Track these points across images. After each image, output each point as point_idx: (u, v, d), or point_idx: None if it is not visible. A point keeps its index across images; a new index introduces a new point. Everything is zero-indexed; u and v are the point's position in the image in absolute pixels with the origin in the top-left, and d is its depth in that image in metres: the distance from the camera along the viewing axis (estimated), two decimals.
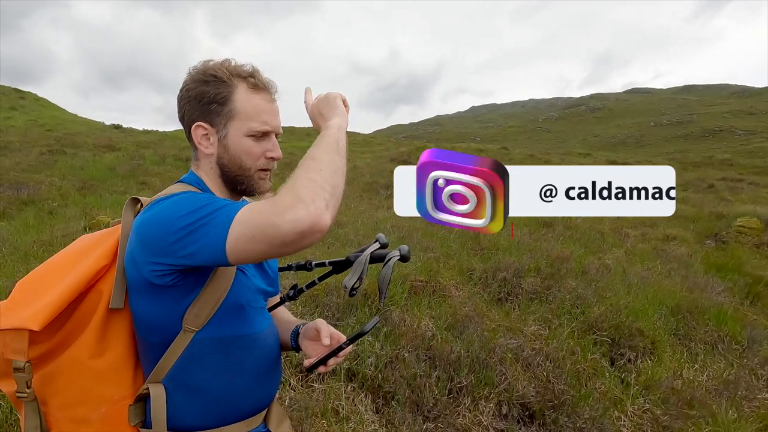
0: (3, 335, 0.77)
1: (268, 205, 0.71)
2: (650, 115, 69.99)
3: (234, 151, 0.90)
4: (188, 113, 0.91)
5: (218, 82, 0.88)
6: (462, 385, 2.65)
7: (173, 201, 0.79)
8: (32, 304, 0.77)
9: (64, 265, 0.84)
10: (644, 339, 3.32)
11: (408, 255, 0.99)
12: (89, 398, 0.81)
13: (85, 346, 0.81)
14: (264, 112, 0.90)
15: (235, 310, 0.87)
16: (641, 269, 4.83)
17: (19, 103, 28.09)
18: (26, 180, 8.03)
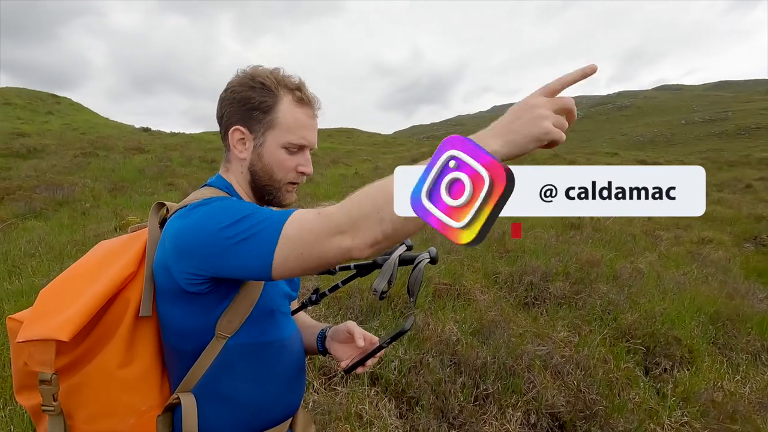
0: (28, 347, 0.75)
1: (319, 222, 0.67)
2: (681, 112, 67.55)
3: (267, 160, 0.89)
4: (228, 114, 0.90)
5: (265, 90, 0.87)
6: (488, 392, 2.57)
7: (212, 209, 0.77)
8: (59, 314, 0.75)
9: (88, 273, 0.83)
10: (681, 348, 3.16)
11: (437, 257, 0.98)
12: (117, 409, 0.80)
13: (113, 356, 0.79)
14: (304, 127, 0.89)
15: (266, 316, 0.87)
16: (676, 274, 4.62)
17: (55, 107, 29.36)
18: (61, 182, 8.35)
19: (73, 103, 33.13)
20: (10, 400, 2.22)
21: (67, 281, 0.82)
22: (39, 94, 31.52)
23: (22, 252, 4.52)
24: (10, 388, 2.29)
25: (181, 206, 0.83)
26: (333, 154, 15.64)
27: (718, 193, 12.31)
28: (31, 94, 30.99)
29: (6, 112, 25.05)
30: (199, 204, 0.80)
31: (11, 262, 4.23)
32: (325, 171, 11.77)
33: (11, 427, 2.05)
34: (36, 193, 7.41)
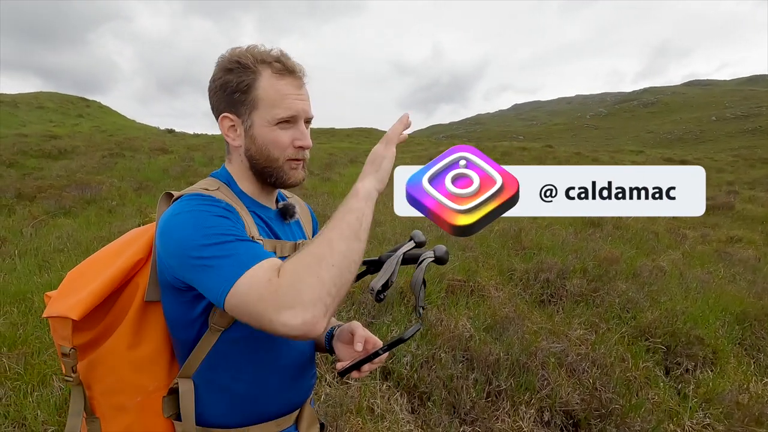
0: (53, 322, 0.82)
1: (269, 294, 0.66)
2: (711, 108, 65.07)
3: (260, 141, 0.86)
4: (215, 104, 0.88)
5: (242, 69, 0.84)
6: (501, 388, 2.55)
7: (185, 221, 0.76)
8: (76, 294, 0.80)
9: (107, 257, 0.87)
10: (704, 348, 3.06)
11: (445, 257, 0.89)
12: (126, 387, 0.83)
13: (122, 337, 0.83)
14: (288, 97, 0.85)
15: None
16: (701, 273, 4.46)
17: (85, 110, 30.46)
18: (90, 181, 8.66)
19: (102, 106, 34.31)
20: (38, 386, 2.33)
21: (90, 264, 0.87)
22: (70, 98, 32.75)
23: (52, 247, 4.71)
24: (38, 374, 2.40)
25: (179, 196, 0.83)
26: (351, 154, 15.71)
27: (749, 191, 11.81)
28: (62, 97, 32.25)
29: (39, 115, 26.13)
30: (185, 199, 0.80)
31: (41, 257, 4.42)
32: (344, 170, 11.83)
33: (38, 411, 2.15)
34: (66, 191, 7.70)
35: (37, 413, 2.13)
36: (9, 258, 4.37)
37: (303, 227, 1.03)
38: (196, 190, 0.83)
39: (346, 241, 0.70)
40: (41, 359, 2.53)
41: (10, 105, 26.12)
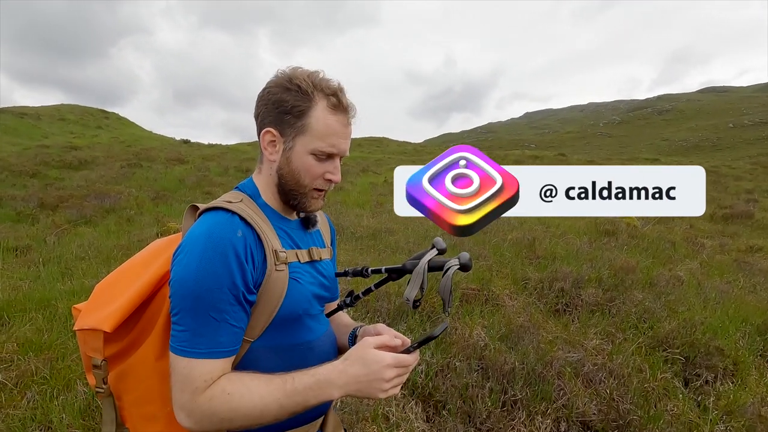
0: (83, 334, 0.85)
1: (186, 396, 0.76)
2: (728, 115, 63.92)
3: (295, 165, 0.88)
4: (263, 115, 0.89)
5: (299, 94, 0.85)
6: (516, 398, 2.54)
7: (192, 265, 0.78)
8: (107, 306, 0.83)
9: (134, 269, 0.89)
10: (724, 359, 3.00)
11: (469, 264, 0.91)
12: (156, 397, 0.84)
13: (151, 348, 0.84)
14: (335, 135, 0.87)
15: (291, 320, 0.87)
16: (720, 283, 4.38)
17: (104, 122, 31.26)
18: (109, 191, 8.88)
19: (120, 117, 35.18)
20: (63, 390, 2.40)
21: (118, 276, 0.90)
22: (90, 110, 33.66)
23: (74, 255, 4.84)
24: (63, 378, 2.47)
25: (204, 210, 0.85)
26: (363, 163, 15.82)
27: None
28: (82, 110, 33.17)
29: (61, 127, 26.90)
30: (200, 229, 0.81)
31: (64, 265, 4.54)
32: (355, 179, 11.92)
33: (63, 414, 2.21)
34: (86, 201, 7.90)
35: (63, 416, 2.19)
36: (33, 266, 4.50)
37: (322, 235, 1.06)
38: (220, 204, 0.84)
39: (270, 416, 0.77)
40: (65, 364, 2.60)
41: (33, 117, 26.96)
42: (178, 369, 0.76)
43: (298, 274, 0.88)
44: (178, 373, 0.76)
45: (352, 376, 0.78)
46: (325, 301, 1.01)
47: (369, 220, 6.34)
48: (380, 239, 5.30)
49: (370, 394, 0.78)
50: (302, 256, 0.91)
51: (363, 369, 0.77)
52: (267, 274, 0.82)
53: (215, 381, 0.76)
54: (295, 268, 0.88)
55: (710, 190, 13.21)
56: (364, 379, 0.77)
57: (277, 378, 0.78)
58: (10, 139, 20.30)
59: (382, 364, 0.77)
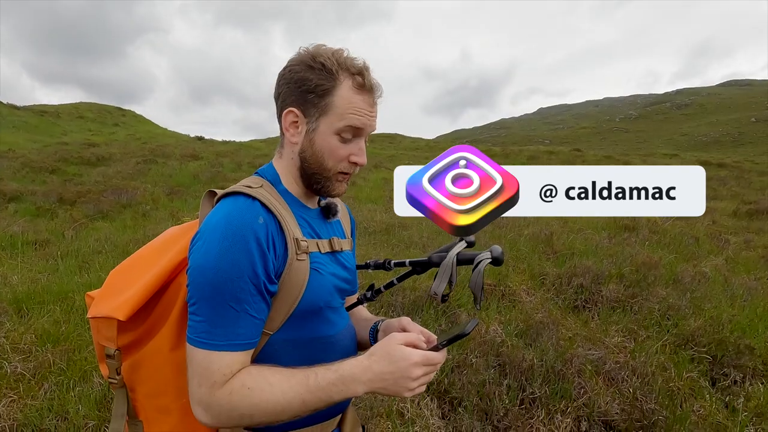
0: (97, 323, 0.82)
1: (203, 390, 0.72)
2: (750, 109, 62.09)
3: (318, 147, 0.83)
4: (284, 95, 0.85)
5: (324, 72, 0.81)
6: (535, 396, 2.47)
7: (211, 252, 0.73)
8: (121, 294, 0.80)
9: (150, 256, 0.86)
10: (754, 358, 2.88)
11: (501, 257, 0.87)
12: (170, 389, 0.82)
13: (166, 338, 0.81)
14: (360, 113, 0.83)
15: (311, 312, 0.84)
16: (747, 279, 4.22)
17: (121, 120, 31.82)
18: (125, 186, 9.00)
19: (137, 115, 35.76)
20: (79, 381, 2.41)
21: (133, 263, 0.86)
22: (107, 108, 34.30)
23: (91, 249, 4.91)
24: (79, 370, 2.49)
25: (223, 195, 0.82)
26: (375, 159, 15.77)
27: None
28: (100, 107, 33.82)
29: (79, 124, 27.46)
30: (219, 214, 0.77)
31: (81, 258, 4.60)
32: (368, 175, 11.89)
33: (79, 406, 2.22)
34: (103, 196, 8.02)
35: (79, 407, 2.20)
36: (52, 259, 4.57)
37: (343, 226, 1.02)
38: (239, 188, 0.80)
39: (292, 412, 0.74)
40: (82, 356, 2.62)
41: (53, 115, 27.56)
42: (196, 361, 0.72)
43: (319, 265, 0.84)
44: (196, 365, 0.72)
45: (377, 373, 0.74)
46: (345, 294, 0.97)
47: (382, 215, 6.30)
48: (393, 234, 5.25)
49: (396, 392, 0.74)
50: (323, 246, 0.87)
51: (389, 366, 0.74)
52: (288, 263, 0.78)
53: (234, 375, 0.73)
54: (315, 258, 0.84)
55: (733, 185, 12.83)
56: (389, 377, 0.74)
57: (300, 373, 0.75)
58: (30, 137, 20.78)
59: (409, 362, 0.74)
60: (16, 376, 2.41)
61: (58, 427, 2.13)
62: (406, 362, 0.73)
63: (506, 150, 19.92)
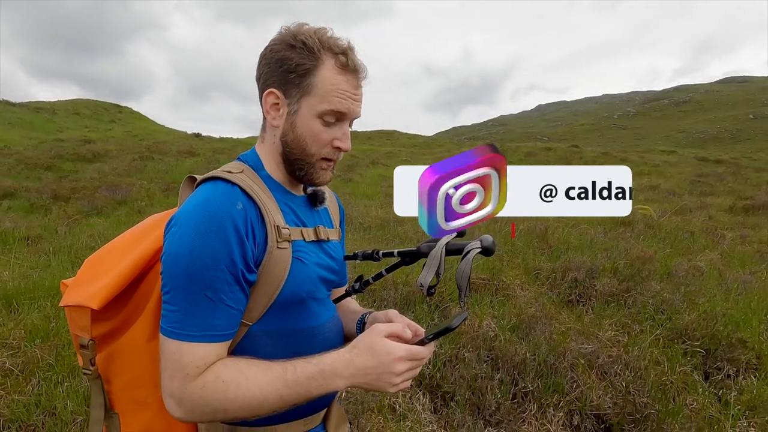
0: (70, 311, 0.78)
1: (176, 383, 0.70)
2: (749, 106, 62.15)
3: (300, 130, 0.80)
4: (265, 76, 0.82)
5: (306, 51, 0.78)
6: (528, 390, 2.46)
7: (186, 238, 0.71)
8: (95, 282, 0.77)
9: (127, 244, 0.82)
10: (747, 352, 2.87)
11: (492, 247, 0.85)
12: (147, 381, 0.79)
13: (143, 328, 0.78)
14: (344, 96, 0.79)
15: (293, 303, 0.81)
16: (742, 274, 4.22)
17: (117, 116, 31.70)
18: (121, 183, 8.96)
19: (134, 111, 35.62)
20: (68, 377, 2.39)
21: (109, 251, 0.83)
22: (104, 105, 34.15)
23: (84, 245, 4.87)
24: (68, 365, 2.46)
25: (202, 180, 0.79)
26: (373, 156, 15.75)
27: None
28: (96, 104, 33.67)
29: (75, 121, 27.34)
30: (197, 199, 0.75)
31: (74, 254, 4.57)
32: (365, 171, 11.86)
33: (67, 401, 2.20)
34: (98, 193, 7.99)
35: (67, 403, 2.18)
36: (44, 255, 4.54)
37: (330, 215, 0.99)
38: (219, 173, 0.78)
39: (269, 408, 0.71)
40: (71, 351, 2.59)
41: (49, 112, 27.41)
42: (168, 353, 0.70)
43: (302, 254, 0.81)
44: (168, 357, 0.70)
45: (359, 368, 0.71)
46: (332, 286, 0.94)
47: (377, 211, 6.28)
48: (388, 229, 5.23)
49: (379, 387, 0.72)
50: (308, 234, 0.84)
51: (372, 361, 0.71)
52: (268, 251, 0.75)
53: (209, 367, 0.70)
54: (299, 246, 0.81)
55: (730, 181, 12.85)
56: (372, 372, 0.71)
57: (277, 366, 0.72)
58: (26, 133, 20.68)
59: (393, 357, 0.70)
60: (4, 372, 2.38)
61: (46, 422, 2.11)
62: (390, 357, 0.70)
63: (504, 146, 19.90)
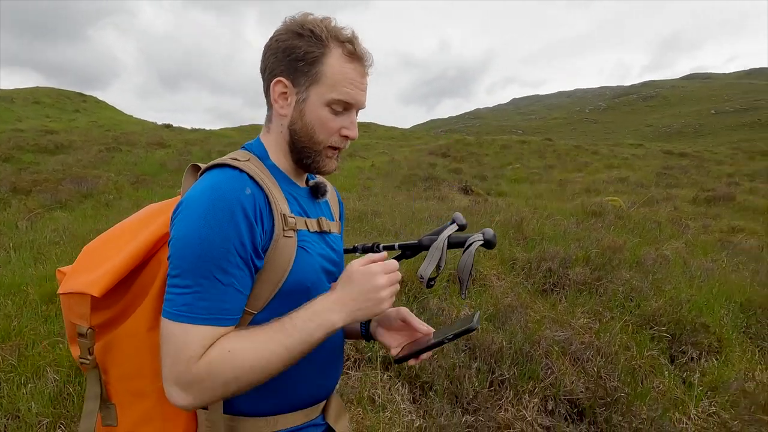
0: (68, 299, 0.76)
1: (180, 367, 0.68)
2: (711, 102, 64.90)
3: (309, 118, 0.81)
4: (272, 66, 0.82)
5: (313, 40, 0.79)
6: (504, 377, 2.51)
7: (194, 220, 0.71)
8: (96, 269, 0.75)
9: (129, 232, 0.81)
10: (709, 336, 3.02)
11: (493, 239, 0.87)
12: (146, 371, 0.78)
13: (143, 317, 0.77)
14: (352, 84, 0.81)
15: (298, 293, 0.80)
16: (705, 261, 4.43)
17: (81, 105, 30.29)
18: (86, 175, 8.60)
19: (99, 101, 34.10)
20: (32, 377, 2.28)
21: (109, 239, 0.82)
22: (67, 93, 32.54)
23: (47, 240, 4.66)
24: (32, 366, 2.35)
25: (206, 169, 0.79)
26: (350, 148, 15.62)
27: (750, 182, 11.78)
28: (59, 93, 32.04)
29: (36, 110, 25.98)
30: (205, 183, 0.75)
31: (37, 250, 4.37)
32: (342, 164, 11.77)
33: (32, 403, 2.11)
34: (62, 185, 7.64)
35: (31, 405, 2.08)
36: (3, 251, 4.32)
37: (331, 208, 0.99)
38: (227, 160, 0.78)
39: (277, 362, 0.72)
40: (35, 351, 2.48)
41: (6, 100, 25.91)
42: (173, 336, 0.68)
43: (306, 243, 0.82)
44: (172, 341, 0.68)
45: (348, 297, 0.75)
46: (333, 279, 0.93)
47: (355, 203, 6.26)
48: (366, 221, 5.22)
49: (370, 308, 0.76)
50: (311, 225, 0.85)
51: (356, 286, 0.75)
52: (274, 239, 0.76)
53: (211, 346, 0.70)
54: (303, 236, 0.81)
55: (693, 174, 13.43)
56: (360, 296, 0.75)
57: (273, 323, 0.74)
58: None
59: (371, 275, 0.76)
60: None
61: (9, 425, 2.01)
62: (369, 276, 0.75)
63: (480, 139, 20.13)
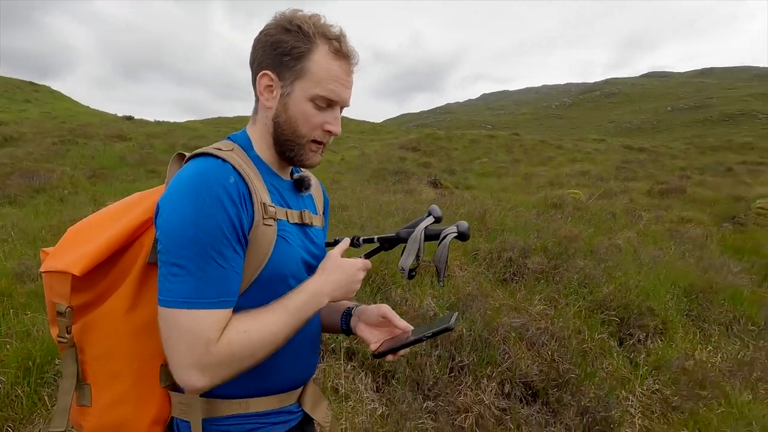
0: (50, 278, 0.78)
1: (199, 351, 0.70)
2: (667, 99, 68.10)
3: (292, 112, 0.84)
4: (260, 58, 0.85)
5: (301, 35, 0.82)
6: (463, 363, 2.59)
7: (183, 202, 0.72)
8: (77, 250, 0.77)
9: (112, 216, 0.83)
10: (655, 319, 3.21)
11: (467, 232, 0.92)
12: (122, 353, 0.79)
13: (122, 299, 0.78)
14: (336, 82, 0.83)
15: (276, 281, 0.82)
16: (653, 250, 4.69)
17: (33, 96, 28.56)
18: (38, 169, 8.14)
19: (53, 91, 32.25)
20: None
21: (93, 222, 0.83)
22: (17, 82, 30.59)
23: None
24: None
25: (190, 157, 0.80)
26: None
27: (700, 176, 12.51)
28: (8, 82, 30.07)
29: None
30: (190, 168, 0.76)
31: None
32: None
33: None
34: (10, 180, 7.22)
35: None
36: None
37: (315, 202, 1.01)
38: (210, 149, 0.79)
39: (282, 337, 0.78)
40: None
41: None
42: (183, 324, 0.70)
43: (287, 234, 0.84)
44: (183, 328, 0.70)
45: (335, 282, 0.85)
46: (312, 270, 0.95)
47: None
48: (333, 215, 5.22)
49: (345, 294, 0.88)
50: (292, 216, 0.87)
51: (343, 275, 0.86)
52: (254, 226, 0.78)
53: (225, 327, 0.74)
54: (283, 226, 0.84)
55: (650, 167, 14.11)
56: (344, 283, 0.87)
57: (275, 304, 0.80)
58: None
59: (355, 268, 0.88)
60: None
61: None
62: (353, 269, 0.88)
63: (450, 134, 20.38)
